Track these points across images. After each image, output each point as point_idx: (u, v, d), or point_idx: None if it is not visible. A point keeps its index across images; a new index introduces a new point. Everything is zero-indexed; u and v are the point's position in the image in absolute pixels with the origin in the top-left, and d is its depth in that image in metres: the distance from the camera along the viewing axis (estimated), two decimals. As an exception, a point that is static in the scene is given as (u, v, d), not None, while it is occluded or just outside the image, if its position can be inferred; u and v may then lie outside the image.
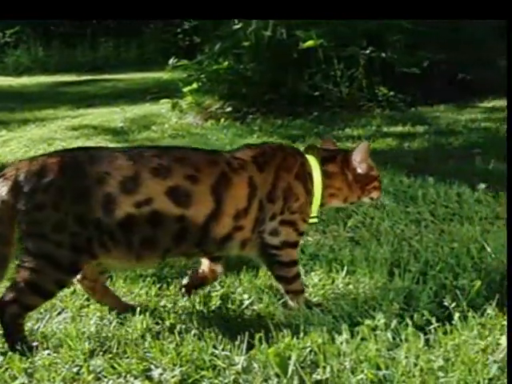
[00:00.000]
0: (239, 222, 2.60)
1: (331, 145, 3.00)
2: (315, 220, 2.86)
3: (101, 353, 2.42)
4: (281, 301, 2.73)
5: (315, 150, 2.88)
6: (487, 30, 8.66)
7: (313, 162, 2.80)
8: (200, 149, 2.82)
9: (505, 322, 2.34)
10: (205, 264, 2.88)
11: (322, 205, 2.83)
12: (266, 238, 2.68)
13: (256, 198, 2.62)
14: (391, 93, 7.75)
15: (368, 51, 7.64)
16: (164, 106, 8.63)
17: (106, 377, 2.27)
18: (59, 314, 2.77)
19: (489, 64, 8.41)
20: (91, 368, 2.31)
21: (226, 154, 2.74)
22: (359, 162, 2.83)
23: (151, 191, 2.47)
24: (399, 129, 6.69)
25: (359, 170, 2.84)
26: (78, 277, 2.68)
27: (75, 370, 2.30)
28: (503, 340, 2.21)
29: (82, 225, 2.43)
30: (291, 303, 2.70)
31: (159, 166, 2.50)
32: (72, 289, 2.93)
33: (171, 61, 8.50)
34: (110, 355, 2.39)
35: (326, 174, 2.80)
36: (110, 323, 2.64)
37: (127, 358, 2.36)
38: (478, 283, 2.60)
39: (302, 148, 2.97)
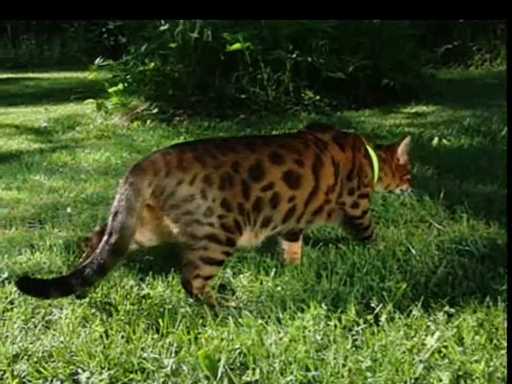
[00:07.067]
0: (328, 196, 2.97)
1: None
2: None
3: (25, 357, 2.35)
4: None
5: (366, 138, 3.25)
6: (409, 37, 8.87)
7: (369, 146, 3.19)
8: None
9: (430, 323, 2.39)
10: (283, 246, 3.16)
11: None
12: (348, 210, 3.09)
13: (340, 175, 3.00)
14: (317, 97, 7.82)
15: (294, 55, 7.69)
16: (89, 106, 8.51)
17: (30, 381, 2.22)
18: (-19, 318, 2.69)
19: (411, 70, 8.59)
20: (15, 373, 2.25)
21: (307, 135, 3.05)
22: (402, 154, 3.26)
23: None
24: (325, 133, 6.73)
25: (401, 161, 3.27)
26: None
27: (-2, 374, 2.24)
28: (428, 340, 2.25)
29: (227, 209, 2.67)
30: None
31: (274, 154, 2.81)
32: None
33: (97, 60, 8.39)
34: (35, 359, 2.33)
35: (380, 158, 3.20)
36: (35, 326, 2.58)
37: (53, 361, 2.31)
38: (404, 285, 2.65)
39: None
